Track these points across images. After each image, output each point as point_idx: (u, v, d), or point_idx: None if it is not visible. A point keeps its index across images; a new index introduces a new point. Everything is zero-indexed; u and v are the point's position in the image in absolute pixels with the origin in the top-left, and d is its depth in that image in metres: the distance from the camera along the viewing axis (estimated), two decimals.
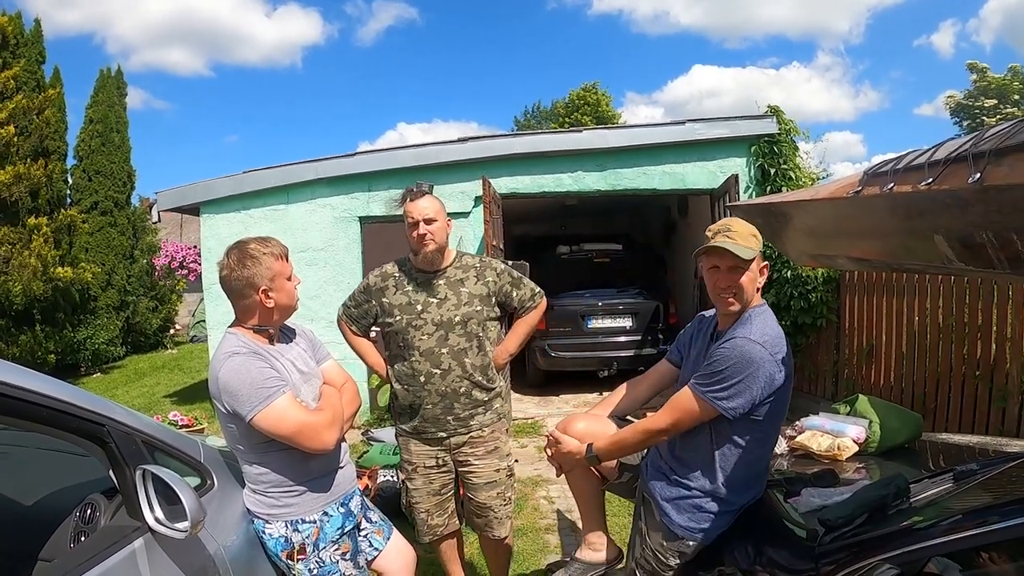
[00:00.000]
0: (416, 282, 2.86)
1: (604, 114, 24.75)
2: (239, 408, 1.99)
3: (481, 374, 2.85)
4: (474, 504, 2.96)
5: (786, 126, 7.22)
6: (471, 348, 2.82)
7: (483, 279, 2.88)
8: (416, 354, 2.80)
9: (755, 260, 2.07)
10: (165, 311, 14.73)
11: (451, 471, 2.94)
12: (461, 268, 2.89)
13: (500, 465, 2.94)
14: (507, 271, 2.96)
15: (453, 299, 2.82)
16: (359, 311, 2.98)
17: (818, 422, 2.76)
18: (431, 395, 2.80)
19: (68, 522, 1.94)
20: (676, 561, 2.17)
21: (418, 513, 2.97)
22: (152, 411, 7.83)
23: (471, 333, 2.82)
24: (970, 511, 1.79)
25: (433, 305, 2.81)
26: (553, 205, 9.50)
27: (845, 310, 6.34)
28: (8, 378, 1.48)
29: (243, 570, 2.07)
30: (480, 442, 2.89)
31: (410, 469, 2.94)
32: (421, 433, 2.88)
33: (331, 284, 7.34)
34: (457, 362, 2.80)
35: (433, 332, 2.79)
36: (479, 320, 2.83)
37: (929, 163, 1.42)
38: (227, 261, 2.12)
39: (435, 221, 2.79)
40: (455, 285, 2.85)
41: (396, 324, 2.83)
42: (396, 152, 7.49)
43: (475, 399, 2.85)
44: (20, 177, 9.06)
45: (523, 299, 2.95)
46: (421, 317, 2.80)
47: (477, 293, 2.85)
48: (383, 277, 2.93)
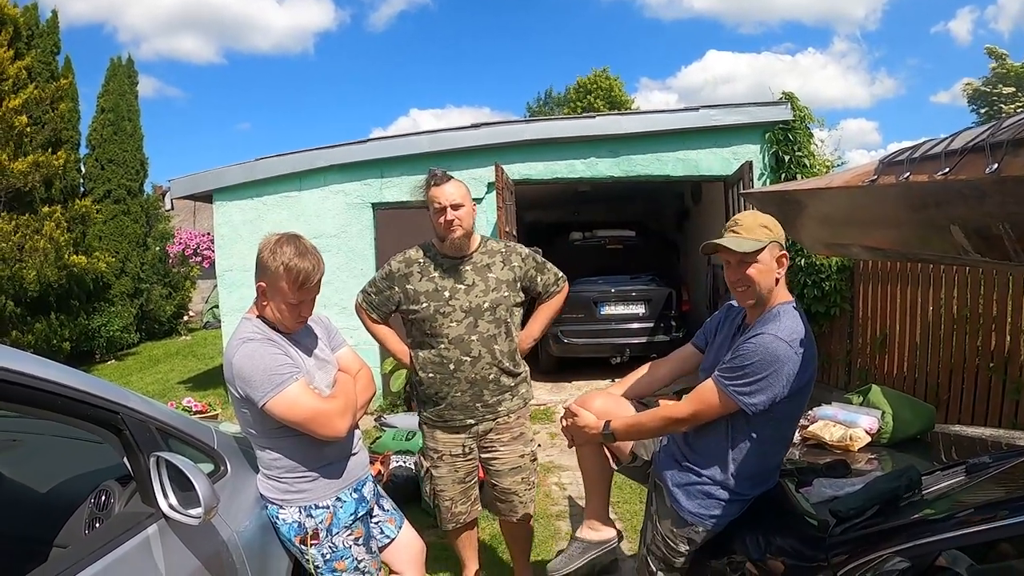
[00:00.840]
0: (442, 268, 2.81)
1: (616, 99, 24.59)
2: (252, 394, 2.00)
3: (509, 360, 2.83)
4: (498, 490, 2.96)
5: (800, 113, 7.15)
6: (500, 334, 2.80)
7: (509, 264, 2.86)
8: (445, 342, 2.76)
9: (766, 251, 2.02)
10: (179, 298, 14.83)
11: (476, 459, 2.93)
12: (487, 253, 2.86)
13: (524, 451, 2.93)
14: (532, 255, 2.94)
15: (481, 285, 2.79)
16: (380, 298, 2.90)
17: (831, 412, 2.75)
18: (460, 383, 2.78)
19: (83, 508, 1.97)
20: (686, 548, 2.17)
21: (442, 501, 2.95)
22: (166, 397, 7.90)
23: (500, 319, 2.80)
24: (982, 505, 1.78)
25: (461, 291, 2.77)
26: (566, 191, 9.47)
27: (859, 299, 6.30)
28: (24, 367, 1.50)
29: (257, 555, 2.10)
30: (506, 428, 2.88)
31: (435, 457, 2.92)
32: (448, 421, 2.86)
33: (344, 271, 7.35)
34: (487, 349, 2.77)
35: (462, 319, 2.76)
36: (507, 306, 2.81)
37: (946, 152, 1.41)
38: (269, 241, 2.09)
39: (462, 206, 2.73)
40: (482, 271, 2.82)
41: (423, 311, 2.78)
42: (409, 138, 7.48)
43: (503, 385, 2.84)
44: (38, 166, 9.12)
45: (547, 284, 2.94)
46: (449, 304, 2.76)
47: (504, 278, 2.83)
48: (407, 263, 2.87)
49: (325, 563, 2.15)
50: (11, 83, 9.09)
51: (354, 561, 2.18)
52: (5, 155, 8.79)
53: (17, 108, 8.93)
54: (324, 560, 2.15)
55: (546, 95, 34.11)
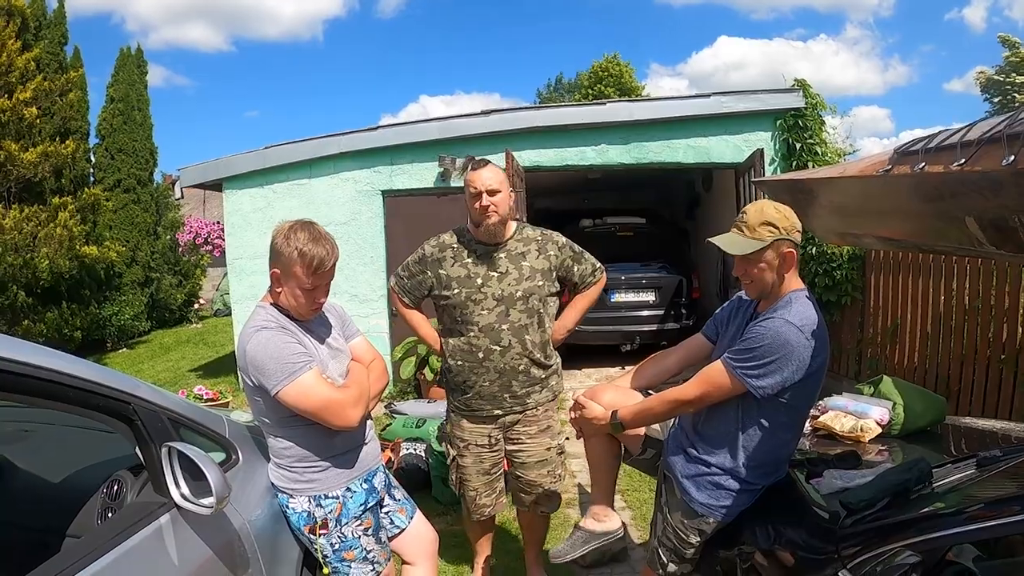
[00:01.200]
0: (476, 254, 2.76)
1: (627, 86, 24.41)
2: (265, 382, 2.00)
3: (540, 351, 2.79)
4: (523, 482, 2.94)
5: (812, 100, 7.08)
6: (532, 324, 2.75)
7: (545, 253, 2.80)
8: (475, 329, 2.73)
9: (768, 250, 1.99)
10: (189, 286, 14.88)
11: (501, 450, 2.91)
12: (522, 241, 2.80)
13: (551, 444, 2.90)
14: (569, 245, 2.88)
15: (515, 273, 2.74)
16: (412, 282, 2.86)
17: (842, 402, 2.73)
18: (489, 372, 2.74)
19: (95, 499, 1.98)
20: (697, 539, 2.17)
21: (467, 491, 2.93)
22: (177, 385, 7.95)
23: (532, 309, 2.75)
24: (993, 500, 1.77)
25: (494, 279, 2.73)
26: (576, 178, 9.44)
27: (870, 289, 6.26)
28: (36, 359, 1.51)
29: (268, 544, 2.11)
30: (533, 421, 2.85)
31: (461, 446, 2.90)
32: (475, 411, 2.83)
33: (354, 258, 7.36)
34: (517, 339, 2.73)
35: (494, 307, 2.72)
36: (540, 296, 2.76)
37: (961, 143, 1.39)
38: (282, 228, 2.08)
39: (498, 192, 2.68)
40: (516, 259, 2.76)
41: (454, 298, 2.74)
42: (419, 125, 7.46)
43: (533, 377, 2.80)
44: (47, 156, 9.16)
45: (584, 274, 2.89)
46: (481, 291, 2.72)
47: (539, 267, 2.77)
48: (440, 247, 2.82)
49: (334, 552, 2.16)
50: (19, 74, 9.10)
51: (363, 551, 2.18)
52: (16, 146, 8.83)
53: (27, 100, 8.95)
54: (333, 550, 2.16)
55: (556, 81, 33.97)
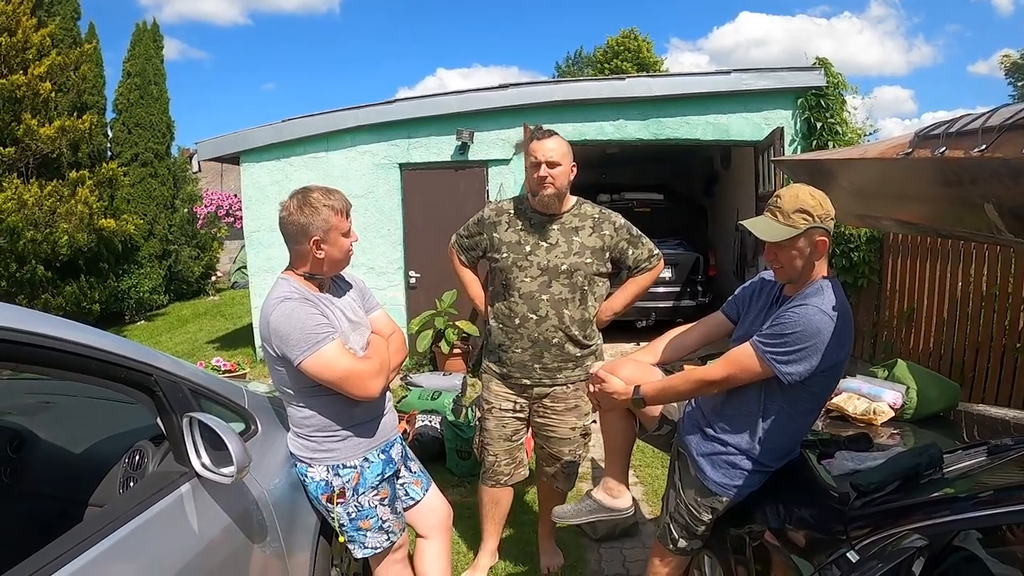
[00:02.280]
0: (529, 222, 2.80)
1: (645, 61, 24.10)
2: (288, 352, 2.03)
3: (579, 328, 2.80)
4: (546, 453, 2.97)
5: (834, 79, 6.98)
6: (573, 300, 2.76)
7: (599, 231, 2.80)
8: (516, 295, 2.77)
9: (801, 238, 1.97)
10: (207, 259, 14.98)
11: (525, 418, 2.93)
12: (579, 216, 2.82)
13: (577, 423, 2.91)
14: (626, 227, 2.87)
15: (564, 246, 2.76)
16: (470, 241, 2.94)
17: (855, 385, 2.73)
18: (522, 339, 2.78)
19: (117, 468, 2.03)
20: (709, 516, 2.19)
21: (487, 455, 2.98)
22: (195, 357, 8.05)
23: (575, 284, 2.76)
24: (1003, 487, 1.77)
25: (542, 249, 2.76)
26: (594, 153, 9.38)
27: (887, 272, 6.20)
28: (60, 332, 1.53)
29: (286, 513, 2.15)
30: (561, 398, 2.87)
31: (486, 408, 2.95)
32: (506, 377, 2.87)
33: (371, 231, 7.39)
34: (555, 311, 2.75)
35: (537, 276, 2.75)
36: (586, 273, 2.77)
37: (983, 129, 1.37)
38: (288, 203, 2.15)
39: (558, 165, 2.70)
40: (568, 232, 2.78)
41: (502, 261, 2.79)
42: (437, 99, 7.43)
43: (567, 353, 2.81)
44: (64, 131, 9.21)
45: (639, 259, 2.87)
46: (528, 259, 2.76)
47: (590, 245, 2.78)
48: (498, 212, 2.87)
49: (350, 521, 2.20)
50: (35, 51, 9.12)
51: (379, 521, 2.23)
52: (35, 121, 8.89)
53: (42, 75, 8.99)
54: (349, 519, 2.20)
55: (576, 55, 33.56)
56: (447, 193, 7.24)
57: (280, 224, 2.18)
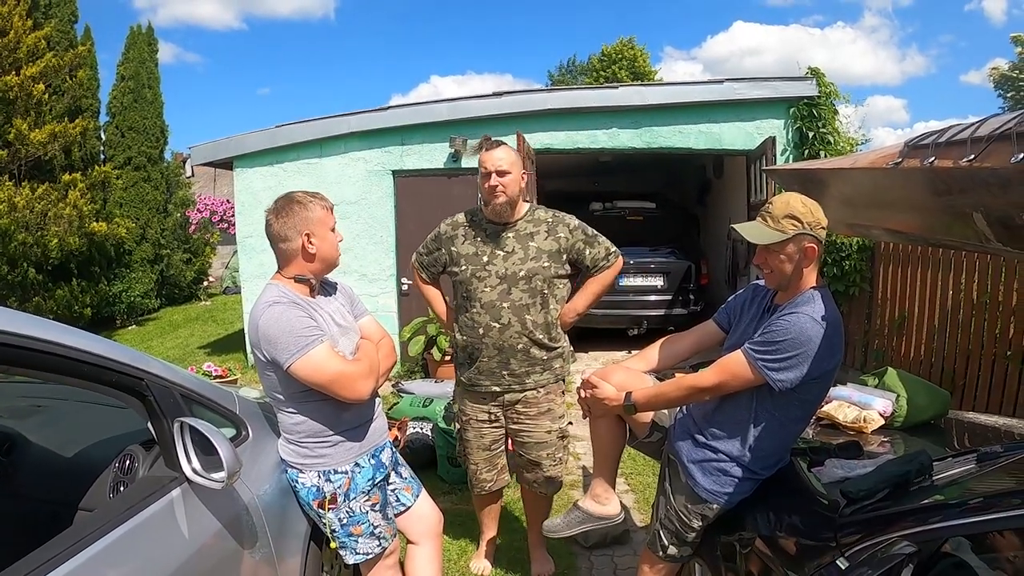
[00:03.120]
0: (485, 233, 2.83)
1: (640, 70, 24.23)
2: (278, 356, 2.03)
3: (543, 332, 2.82)
4: (525, 460, 2.99)
5: (826, 89, 7.03)
6: (534, 304, 2.79)
7: (554, 235, 2.83)
8: (478, 306, 2.79)
9: (790, 243, 1.99)
10: (199, 264, 14.95)
11: (503, 427, 2.96)
12: (532, 222, 2.84)
13: (552, 427, 2.93)
14: (581, 228, 2.89)
15: (520, 253, 2.78)
16: (430, 258, 2.98)
17: (846, 393, 2.75)
18: (488, 348, 2.80)
19: (107, 473, 2.02)
20: (699, 523, 2.19)
21: (469, 465, 3.03)
22: (187, 362, 8.02)
23: (535, 289, 2.78)
24: (992, 494, 1.78)
25: (499, 257, 2.78)
26: (587, 161, 9.41)
27: (878, 280, 6.25)
28: (51, 335, 1.53)
29: (276, 519, 2.14)
30: (534, 403, 2.89)
31: (463, 420, 3.00)
32: (475, 386, 2.90)
33: (364, 237, 7.40)
34: (517, 317, 2.77)
35: (496, 285, 2.77)
36: (545, 276, 2.79)
37: (972, 139, 1.39)
38: (275, 207, 2.18)
39: (508, 173, 2.73)
40: (524, 239, 2.80)
41: (461, 274, 2.83)
42: (430, 106, 7.44)
43: (533, 357, 2.83)
44: (56, 135, 9.18)
45: (596, 258, 2.88)
46: (486, 269, 2.78)
47: (546, 249, 2.80)
48: (454, 226, 2.91)
49: (342, 527, 2.20)
50: (26, 51, 9.09)
51: (370, 526, 2.22)
52: (25, 125, 8.86)
53: (35, 76, 8.96)
54: (341, 524, 2.19)
55: (569, 63, 33.66)
56: (440, 200, 7.20)
57: (267, 229, 2.19)
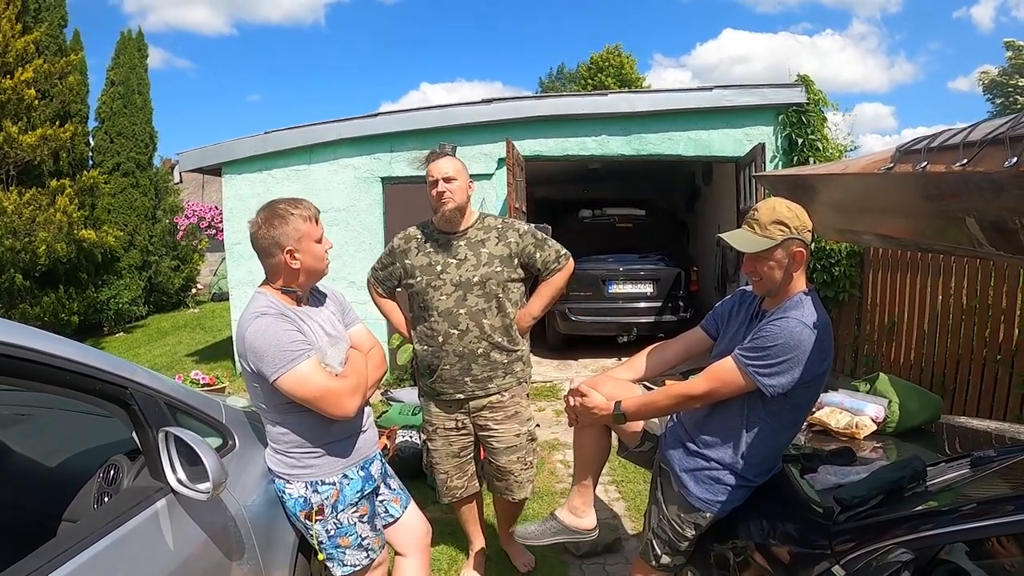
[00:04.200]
0: (437, 243, 2.87)
1: (628, 77, 24.35)
2: (263, 368, 2.00)
3: (501, 335, 2.84)
4: (494, 468, 2.99)
5: (815, 96, 7.08)
6: (490, 309, 2.81)
7: (504, 240, 2.86)
8: (435, 314, 2.81)
9: (778, 249, 1.98)
10: (187, 271, 14.87)
11: (471, 434, 2.97)
12: (483, 229, 2.88)
13: (520, 430, 2.95)
14: (530, 232, 2.92)
15: (472, 260, 2.81)
16: (384, 273, 3.00)
17: (837, 399, 2.74)
18: (449, 356, 2.82)
19: (92, 483, 1.99)
20: (692, 532, 2.18)
21: (438, 474, 3.01)
22: (174, 370, 7.95)
23: (490, 294, 2.80)
24: (987, 499, 1.78)
25: (452, 266, 2.81)
26: (577, 168, 9.42)
27: (868, 286, 6.27)
28: (34, 343, 1.50)
29: (264, 529, 2.12)
30: (499, 407, 2.89)
31: (430, 430, 2.99)
32: (440, 394, 2.90)
33: (352, 244, 7.37)
34: (475, 323, 2.79)
35: (452, 292, 2.79)
36: (499, 281, 2.81)
37: (964, 143, 1.38)
38: (256, 219, 2.15)
39: (454, 180, 2.78)
40: (475, 246, 2.83)
41: (417, 285, 2.84)
42: (419, 113, 7.45)
43: (493, 361, 2.84)
44: (46, 139, 9.13)
45: (547, 261, 2.90)
46: (440, 277, 2.81)
47: (498, 254, 2.83)
48: (406, 239, 2.95)
49: (329, 539, 2.17)
50: (15, 55, 9.04)
51: (358, 538, 2.19)
52: (15, 128, 8.80)
53: (28, 81, 8.91)
54: (328, 536, 2.16)
55: (558, 71, 33.85)
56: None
57: (252, 241, 2.16)
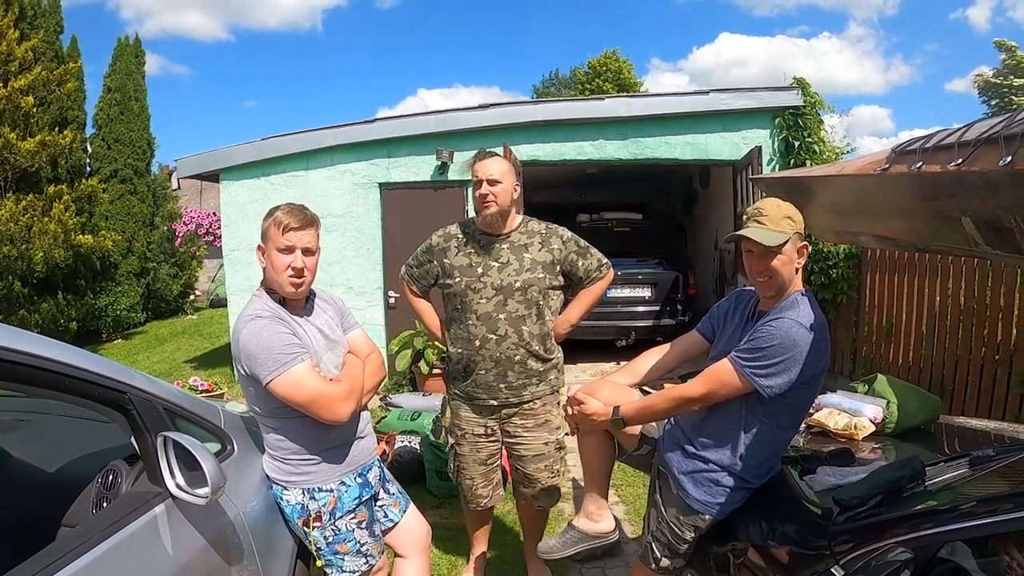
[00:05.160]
0: (479, 244, 2.82)
1: (626, 82, 24.40)
2: (257, 371, 2.00)
3: (539, 343, 2.81)
4: (521, 474, 2.96)
5: (811, 99, 7.09)
6: (530, 316, 2.78)
7: (548, 246, 2.82)
8: (473, 318, 2.77)
9: (789, 243, 2.00)
10: (185, 277, 14.87)
11: (499, 440, 2.93)
12: (526, 233, 2.84)
13: (549, 438, 2.91)
14: (574, 239, 2.89)
15: (515, 264, 2.77)
16: (420, 271, 2.94)
17: (836, 400, 2.74)
18: (485, 360, 2.78)
19: (90, 488, 1.97)
20: (691, 535, 2.17)
21: (464, 480, 2.97)
22: (173, 376, 7.94)
23: (531, 300, 2.77)
24: (985, 498, 1.78)
25: (494, 269, 2.77)
26: (574, 173, 9.43)
27: (866, 287, 6.28)
28: (32, 348, 1.50)
29: (262, 535, 2.11)
30: (531, 414, 2.87)
31: (459, 435, 2.94)
32: (473, 399, 2.87)
33: (350, 250, 7.37)
34: (514, 329, 2.76)
35: (492, 296, 2.76)
36: (540, 288, 2.78)
37: (959, 143, 1.39)
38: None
39: (499, 183, 2.72)
40: (518, 250, 2.80)
41: (455, 286, 2.80)
42: (417, 118, 7.44)
43: (530, 368, 2.82)
44: (44, 146, 9.13)
45: (589, 269, 2.87)
46: (481, 280, 2.76)
47: (540, 260, 2.80)
48: (446, 237, 2.88)
49: (327, 545, 2.16)
50: (17, 64, 9.07)
51: (356, 544, 2.19)
52: (14, 135, 8.80)
53: (24, 88, 8.92)
54: (327, 542, 2.16)
55: (552, 76, 33.88)
56: (426, 213, 7.18)
57: None
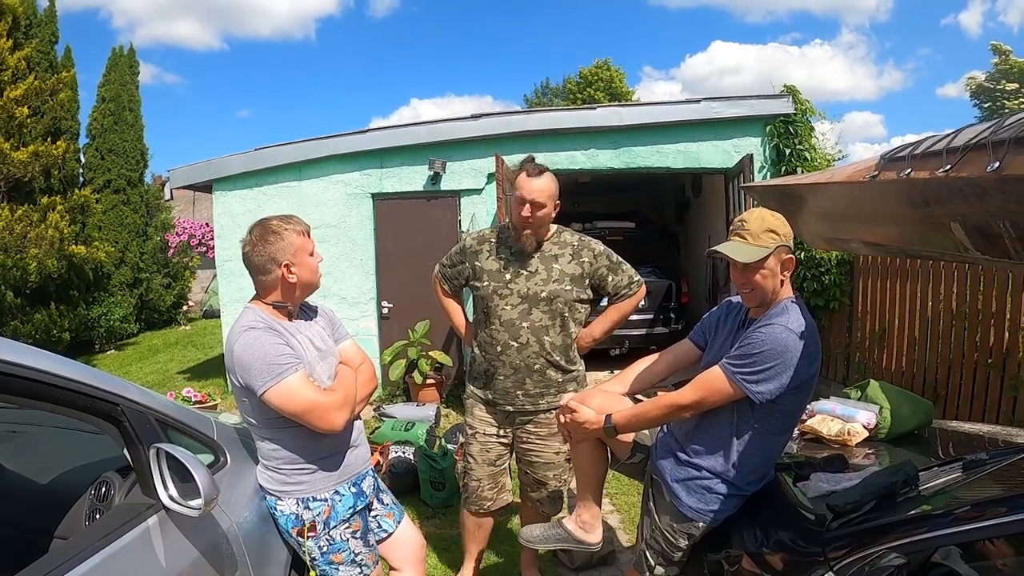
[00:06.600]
0: (510, 251, 2.84)
1: (617, 91, 24.52)
2: (251, 382, 2.00)
3: (560, 354, 2.82)
4: (531, 479, 2.97)
5: (802, 106, 7.13)
6: (553, 326, 2.79)
7: (578, 259, 2.83)
8: (497, 323, 2.80)
9: (771, 256, 2.02)
10: (178, 288, 14.83)
11: (509, 444, 2.95)
12: (558, 244, 2.85)
13: (561, 448, 2.90)
14: (606, 253, 2.89)
15: (543, 274, 2.79)
16: (453, 271, 2.98)
17: (829, 406, 2.76)
18: (504, 366, 2.80)
19: (83, 500, 1.97)
20: (685, 542, 2.17)
21: (471, 480, 2.98)
22: (166, 387, 7.91)
23: (556, 311, 2.78)
24: (979, 502, 1.78)
25: (522, 277, 2.79)
26: (566, 182, 9.40)
27: (858, 293, 6.30)
28: (24, 359, 1.50)
29: (256, 546, 2.10)
30: (545, 423, 2.87)
31: (470, 433, 2.97)
32: (489, 403, 2.90)
33: (344, 260, 7.36)
34: (536, 338, 2.78)
35: (517, 304, 2.78)
36: (566, 300, 2.79)
37: (948, 149, 1.40)
38: (250, 238, 2.14)
39: (543, 207, 2.73)
40: (548, 260, 2.81)
41: (483, 289, 2.83)
42: (409, 128, 7.45)
43: (548, 378, 2.83)
44: (37, 156, 9.10)
45: (619, 285, 2.88)
46: (508, 287, 2.79)
47: (570, 272, 2.81)
48: (480, 240, 2.92)
49: (322, 555, 2.15)
50: (11, 73, 9.05)
51: (351, 554, 2.18)
52: (8, 145, 8.77)
53: (18, 98, 8.90)
54: (321, 552, 2.15)
55: (543, 86, 34.00)
56: (419, 223, 7.24)
57: (244, 259, 2.15)
